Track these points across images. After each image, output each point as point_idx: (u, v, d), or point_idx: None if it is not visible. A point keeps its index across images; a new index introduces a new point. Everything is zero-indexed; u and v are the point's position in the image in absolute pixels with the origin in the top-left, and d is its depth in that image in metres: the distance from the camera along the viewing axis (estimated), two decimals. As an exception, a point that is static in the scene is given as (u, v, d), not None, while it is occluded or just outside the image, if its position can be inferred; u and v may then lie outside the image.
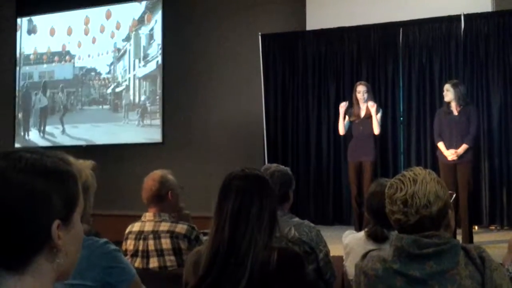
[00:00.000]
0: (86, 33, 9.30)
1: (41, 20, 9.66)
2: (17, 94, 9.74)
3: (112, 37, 9.13)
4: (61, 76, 9.54)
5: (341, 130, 6.19)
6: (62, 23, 9.47)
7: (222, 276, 1.90)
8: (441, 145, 5.66)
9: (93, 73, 9.29)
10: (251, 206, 1.97)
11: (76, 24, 9.36)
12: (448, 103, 5.66)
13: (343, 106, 6.14)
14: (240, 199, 1.98)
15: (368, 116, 6.03)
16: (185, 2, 8.60)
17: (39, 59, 9.70)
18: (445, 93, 5.66)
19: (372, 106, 5.98)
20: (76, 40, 9.38)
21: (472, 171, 5.74)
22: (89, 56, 9.31)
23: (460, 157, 5.54)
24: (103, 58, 9.19)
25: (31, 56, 9.75)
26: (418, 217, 1.75)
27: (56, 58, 9.57)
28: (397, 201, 1.78)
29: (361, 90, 6.07)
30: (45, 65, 9.66)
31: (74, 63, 9.44)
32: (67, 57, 9.49)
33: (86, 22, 9.30)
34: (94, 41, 9.25)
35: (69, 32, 9.41)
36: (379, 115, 6.07)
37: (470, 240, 5.41)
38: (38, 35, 9.70)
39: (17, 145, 9.50)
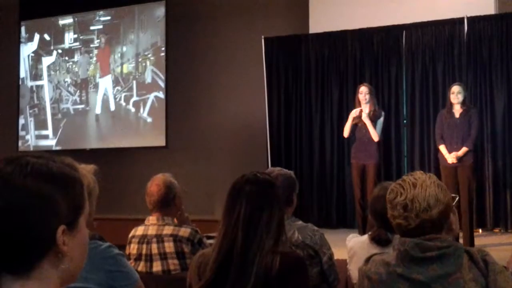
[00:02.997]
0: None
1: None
2: (20, 95, 9.75)
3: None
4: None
5: (346, 133, 6.17)
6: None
7: (228, 280, 1.90)
8: (442, 148, 5.65)
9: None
10: (262, 212, 1.97)
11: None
12: (451, 106, 5.65)
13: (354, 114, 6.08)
14: (252, 205, 1.97)
15: (371, 119, 6.02)
16: (187, 5, 8.62)
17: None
18: (455, 95, 5.61)
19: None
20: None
21: (473, 174, 5.73)
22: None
23: (461, 160, 5.53)
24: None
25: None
26: (419, 221, 1.76)
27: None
28: (397, 206, 1.78)
29: (363, 91, 6.06)
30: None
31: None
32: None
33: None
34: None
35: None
36: (380, 119, 6.06)
37: (472, 244, 5.40)
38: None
39: (21, 147, 9.53)
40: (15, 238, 0.95)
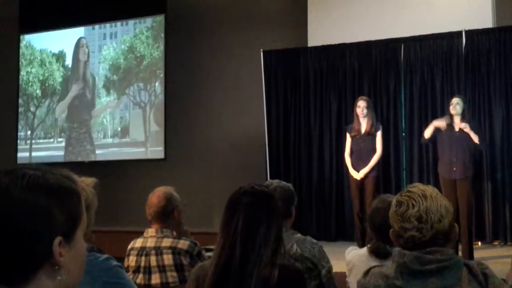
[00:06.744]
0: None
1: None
2: (19, 108, 9.76)
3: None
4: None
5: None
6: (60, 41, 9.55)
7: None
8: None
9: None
10: (260, 224, 1.95)
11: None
12: (451, 118, 5.65)
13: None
14: (250, 217, 1.96)
15: (369, 132, 6.03)
16: (187, 19, 8.65)
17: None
18: (453, 105, 5.63)
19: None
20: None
21: (472, 186, 5.73)
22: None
23: (461, 173, 5.52)
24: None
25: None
26: (433, 232, 1.76)
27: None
28: (411, 218, 1.77)
29: (361, 105, 6.07)
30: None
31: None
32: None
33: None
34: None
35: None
36: (378, 133, 6.06)
37: (471, 257, 5.38)
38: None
39: (20, 158, 9.52)
40: (11, 249, 0.96)
